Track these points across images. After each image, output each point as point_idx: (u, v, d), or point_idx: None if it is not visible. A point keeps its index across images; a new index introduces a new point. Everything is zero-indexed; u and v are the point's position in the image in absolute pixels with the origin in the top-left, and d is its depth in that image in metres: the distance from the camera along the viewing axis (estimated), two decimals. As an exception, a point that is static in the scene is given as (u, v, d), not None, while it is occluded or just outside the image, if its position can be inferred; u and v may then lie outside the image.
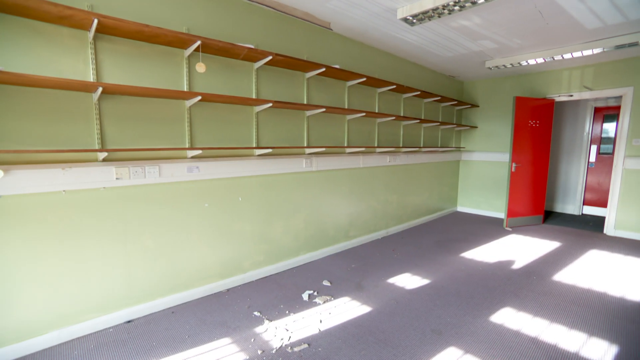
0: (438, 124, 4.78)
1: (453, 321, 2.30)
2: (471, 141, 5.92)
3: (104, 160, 2.09)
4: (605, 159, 5.92)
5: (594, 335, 2.17)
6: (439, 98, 4.68)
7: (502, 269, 3.27)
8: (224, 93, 2.60)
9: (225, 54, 2.50)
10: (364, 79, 3.40)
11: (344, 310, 2.45)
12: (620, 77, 4.41)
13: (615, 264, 3.44)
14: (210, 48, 2.33)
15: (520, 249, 3.92)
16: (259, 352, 1.96)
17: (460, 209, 6.14)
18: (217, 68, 2.55)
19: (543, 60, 4.20)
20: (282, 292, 2.73)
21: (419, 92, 4.22)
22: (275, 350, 1.98)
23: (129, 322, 2.26)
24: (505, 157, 5.48)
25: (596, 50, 3.76)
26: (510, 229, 4.84)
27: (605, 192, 5.84)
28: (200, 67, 2.28)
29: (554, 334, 2.18)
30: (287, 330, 2.19)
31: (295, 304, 2.53)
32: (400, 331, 2.18)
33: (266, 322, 2.28)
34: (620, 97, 4.50)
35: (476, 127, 5.78)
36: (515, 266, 3.35)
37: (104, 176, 2.08)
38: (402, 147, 4.26)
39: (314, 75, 3.16)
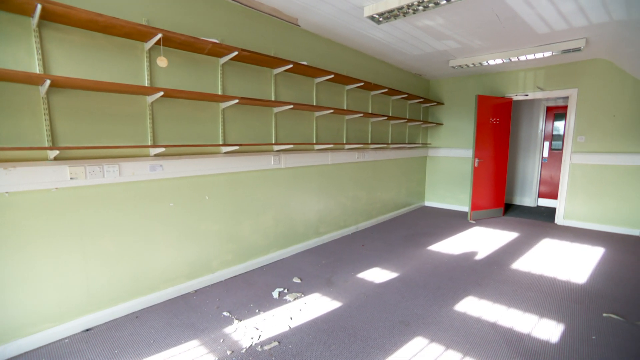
0: (405, 120, 4.91)
1: (420, 312, 2.39)
2: (437, 138, 6.13)
3: (56, 159, 1.94)
4: (556, 154, 6.35)
5: (544, 317, 2.33)
6: (406, 95, 4.80)
7: (466, 260, 3.43)
8: (188, 89, 2.51)
9: (189, 48, 2.41)
10: (332, 76, 3.42)
11: (314, 306, 2.46)
12: (567, 79, 4.74)
13: (563, 251, 3.71)
14: (173, 42, 2.24)
15: (483, 240, 4.12)
16: (228, 352, 1.93)
17: (427, 203, 6.35)
18: (180, 63, 2.45)
19: (501, 61, 4.42)
20: (252, 290, 2.70)
21: (386, 90, 4.31)
22: (245, 349, 1.96)
23: (87, 330, 2.14)
24: (468, 153, 5.73)
25: (546, 54, 4.01)
26: (474, 222, 5.07)
27: (557, 185, 6.28)
28: (162, 62, 2.19)
29: (510, 318, 2.32)
30: (257, 329, 2.17)
31: (266, 302, 2.51)
32: (369, 324, 2.23)
33: (236, 321, 2.25)
34: (567, 97, 4.84)
35: (442, 124, 5.99)
36: (478, 257, 3.52)
37: (55, 176, 1.94)
38: (371, 143, 4.33)
39: (282, 71, 3.13)
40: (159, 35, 2.09)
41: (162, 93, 2.16)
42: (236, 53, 2.52)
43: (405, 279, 2.94)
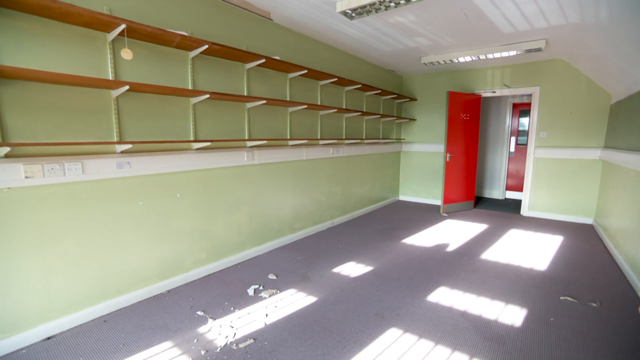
0: (379, 116, 4.97)
1: (394, 304, 2.44)
2: (410, 133, 6.26)
3: (7, 156, 1.80)
4: (522, 149, 6.66)
5: (510, 303, 2.46)
6: (380, 91, 4.86)
7: (438, 252, 3.54)
8: (156, 83, 2.41)
9: (156, 41, 2.32)
10: (306, 71, 3.40)
11: (290, 302, 2.46)
12: (531, 78, 4.98)
13: (527, 241, 3.92)
14: (138, 33, 2.14)
15: (455, 232, 4.27)
16: (203, 352, 1.89)
17: (402, 197, 6.49)
18: (147, 55, 2.36)
19: (471, 59, 4.56)
20: (227, 288, 2.67)
21: (360, 85, 4.34)
22: (219, 348, 1.93)
23: (48, 338, 2.01)
24: (440, 147, 5.89)
25: (511, 53, 4.18)
26: (446, 215, 5.23)
27: (522, 179, 6.59)
28: (126, 54, 2.09)
29: (479, 306, 2.42)
30: (232, 327, 2.15)
31: (241, 300, 2.49)
32: (345, 318, 2.26)
33: (210, 321, 2.21)
34: (531, 95, 5.08)
35: (415, 119, 6.12)
36: (450, 249, 3.64)
37: (7, 175, 1.80)
38: (345, 139, 4.36)
39: (254, 66, 3.08)
40: (123, 26, 1.99)
41: (127, 87, 2.07)
42: (206, 47, 2.45)
43: (380, 272, 2.99)
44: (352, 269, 3.06)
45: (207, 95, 2.51)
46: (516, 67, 5.07)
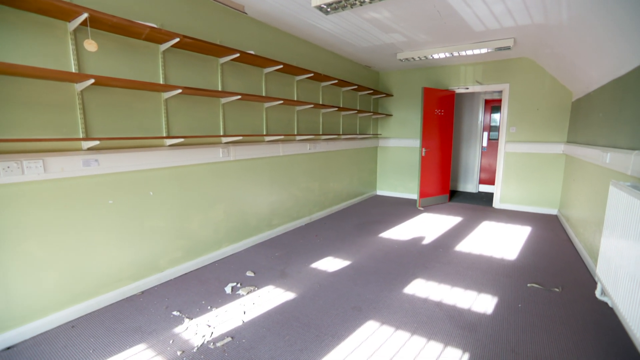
0: (356, 111, 5.00)
1: (371, 297, 2.48)
2: (387, 128, 6.34)
3: (-38, 154, 1.69)
4: (494, 143, 6.91)
5: (482, 292, 2.55)
6: (356, 87, 4.88)
7: (415, 245, 3.62)
8: (124, 77, 2.31)
9: (124, 32, 2.22)
10: (281, 66, 3.36)
11: (268, 299, 2.45)
12: (501, 75, 5.15)
13: (499, 232, 4.08)
14: (103, 23, 2.04)
15: (430, 226, 4.38)
16: (179, 353, 1.85)
17: (379, 192, 6.58)
18: (114, 48, 2.25)
19: (445, 56, 4.66)
20: (204, 287, 2.62)
21: (336, 81, 4.34)
22: (196, 348, 1.89)
23: (8, 348, 1.89)
24: (416, 143, 6.01)
25: (483, 50, 4.31)
26: (422, 209, 5.36)
27: (494, 172, 6.85)
28: (90, 45, 1.99)
29: (453, 296, 2.50)
30: (210, 326, 2.11)
31: (218, 299, 2.45)
32: (323, 312, 2.27)
33: (186, 320, 2.17)
34: (502, 91, 5.27)
35: (391, 115, 6.20)
36: (426, 241, 3.73)
37: (-38, 174, 1.69)
38: (322, 134, 4.36)
39: (229, 60, 3.01)
40: (85, 15, 1.89)
41: (92, 80, 1.97)
42: (177, 40, 2.37)
43: (358, 266, 3.03)
44: (330, 264, 3.08)
45: (180, 90, 2.44)
46: (487, 65, 5.23)
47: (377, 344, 1.94)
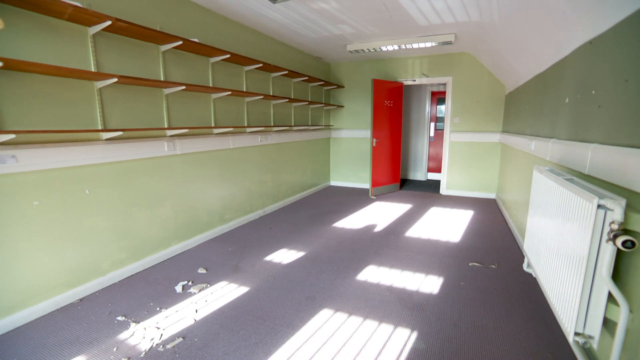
0: (307, 103, 5.00)
1: (325, 286, 2.53)
2: (339, 119, 6.43)
3: None
4: (440, 133, 7.31)
5: (429, 274, 2.72)
6: (307, 78, 4.87)
7: (367, 232, 3.74)
8: (44, 62, 2.07)
9: (41, 10, 1.95)
10: (228, 56, 3.24)
11: (221, 295, 2.40)
12: (445, 68, 5.44)
13: (445, 217, 4.36)
14: (13, -1, 1.80)
15: (382, 213, 4.54)
16: (124, 359, 1.75)
17: (333, 183, 6.68)
18: (31, 28, 2.00)
19: (393, 48, 4.80)
20: (152, 288, 2.49)
21: (287, 72, 4.29)
22: (144, 352, 1.80)
23: None
24: (368, 133, 6.16)
25: (428, 44, 4.51)
26: (374, 197, 5.54)
27: (441, 161, 7.27)
28: (-1, 25, 1.74)
29: (403, 279, 2.63)
30: (159, 328, 2.02)
31: (168, 299, 2.34)
32: (277, 304, 2.27)
33: (133, 325, 2.05)
34: (445, 84, 5.58)
35: (342, 106, 6.29)
36: (378, 229, 3.87)
37: None
38: (274, 126, 4.30)
39: (171, 48, 2.84)
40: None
41: (1, 64, 1.73)
42: (109, 23, 2.17)
43: (312, 257, 3.06)
44: (285, 256, 3.08)
45: (115, 79, 2.25)
46: (433, 58, 5.49)
47: (331, 331, 1.99)
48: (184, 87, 2.79)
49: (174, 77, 2.98)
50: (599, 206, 1.26)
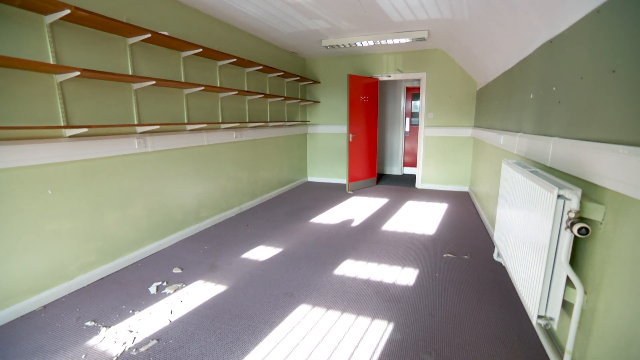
0: (283, 98, 4.96)
1: (303, 282, 2.53)
2: (315, 115, 6.42)
3: None
4: (415, 128, 7.46)
5: (405, 266, 2.78)
6: (283, 73, 4.82)
7: (344, 227, 3.77)
8: (-2, 54, 1.93)
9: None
10: (200, 50, 3.16)
11: (197, 294, 2.35)
12: (419, 64, 5.54)
13: (421, 210, 4.46)
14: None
15: (359, 208, 4.59)
16: (94, 365, 1.69)
17: (310, 179, 6.68)
18: (-18, 19, 1.86)
19: (368, 44, 4.83)
20: (124, 290, 2.41)
21: (261, 67, 4.23)
22: (116, 357, 1.74)
23: None
24: (344, 129, 6.19)
25: (402, 40, 4.57)
26: (351, 192, 5.59)
27: (416, 155, 7.42)
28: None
29: (380, 272, 2.68)
30: (131, 331, 1.96)
31: (141, 301, 2.28)
32: (254, 302, 2.26)
33: (103, 329, 1.97)
34: (420, 79, 5.68)
35: (319, 101, 6.28)
36: (355, 223, 3.91)
37: None
38: (249, 122, 4.24)
39: (139, 41, 2.73)
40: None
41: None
42: (68, 11, 2.04)
43: (289, 253, 3.06)
44: (262, 253, 3.06)
45: (77, 73, 2.14)
46: (407, 54, 5.57)
47: (309, 326, 2.00)
48: (154, 82, 2.70)
49: (144, 72, 2.87)
50: (558, 196, 1.33)
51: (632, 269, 1.10)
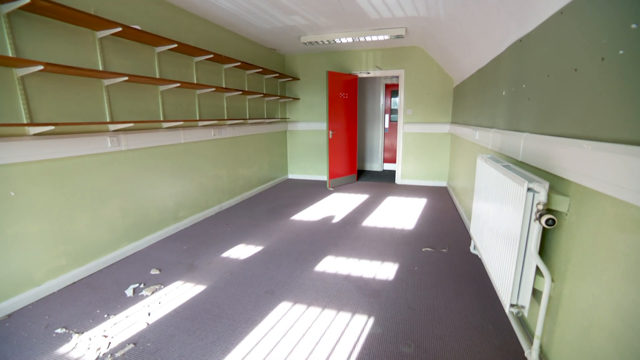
0: (262, 95, 4.90)
1: (284, 279, 2.53)
2: (295, 112, 6.39)
3: None
4: (394, 125, 7.55)
5: (385, 261, 2.82)
6: (261, 70, 4.77)
7: (325, 224, 3.79)
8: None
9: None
10: (175, 45, 3.07)
11: (176, 295, 2.30)
12: (397, 61, 5.61)
13: (400, 205, 4.53)
14: None
15: (340, 204, 4.62)
16: (66, 373, 1.62)
17: (291, 176, 6.66)
18: None
19: (346, 41, 4.84)
20: (98, 294, 2.33)
21: (240, 63, 4.17)
22: (89, 364, 1.68)
23: None
24: (324, 126, 6.19)
25: (380, 37, 4.61)
26: (332, 189, 5.61)
27: (395, 151, 7.53)
28: None
29: (360, 268, 2.71)
30: (106, 336, 1.89)
31: (117, 304, 2.21)
32: (235, 301, 2.23)
33: (75, 336, 1.90)
34: (398, 76, 5.76)
35: (298, 98, 6.25)
36: (335, 220, 3.93)
37: None
38: (227, 119, 4.17)
39: (109, 35, 2.62)
40: None
41: None
42: (27, 1, 1.93)
43: (270, 251, 3.04)
44: (242, 251, 3.03)
45: (40, 67, 2.03)
46: (385, 51, 5.62)
47: (290, 323, 2.00)
48: (126, 78, 2.60)
49: (116, 67, 2.76)
50: (528, 189, 1.38)
51: (592, 257, 1.16)
